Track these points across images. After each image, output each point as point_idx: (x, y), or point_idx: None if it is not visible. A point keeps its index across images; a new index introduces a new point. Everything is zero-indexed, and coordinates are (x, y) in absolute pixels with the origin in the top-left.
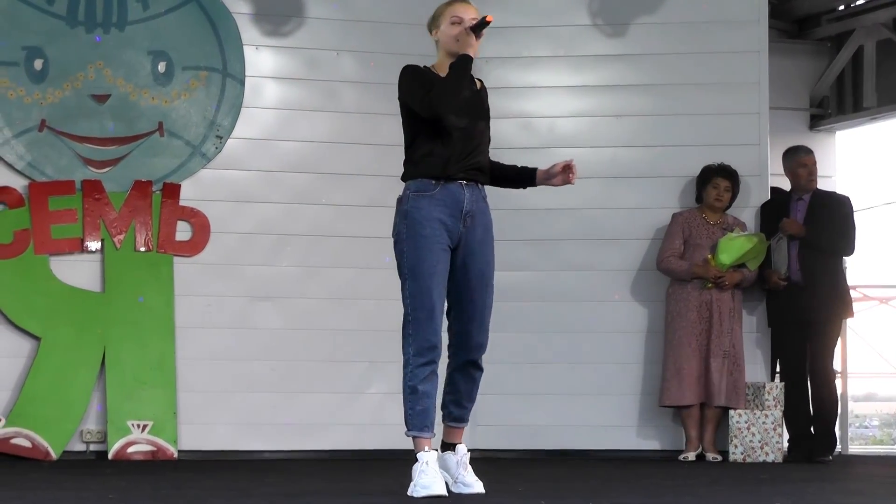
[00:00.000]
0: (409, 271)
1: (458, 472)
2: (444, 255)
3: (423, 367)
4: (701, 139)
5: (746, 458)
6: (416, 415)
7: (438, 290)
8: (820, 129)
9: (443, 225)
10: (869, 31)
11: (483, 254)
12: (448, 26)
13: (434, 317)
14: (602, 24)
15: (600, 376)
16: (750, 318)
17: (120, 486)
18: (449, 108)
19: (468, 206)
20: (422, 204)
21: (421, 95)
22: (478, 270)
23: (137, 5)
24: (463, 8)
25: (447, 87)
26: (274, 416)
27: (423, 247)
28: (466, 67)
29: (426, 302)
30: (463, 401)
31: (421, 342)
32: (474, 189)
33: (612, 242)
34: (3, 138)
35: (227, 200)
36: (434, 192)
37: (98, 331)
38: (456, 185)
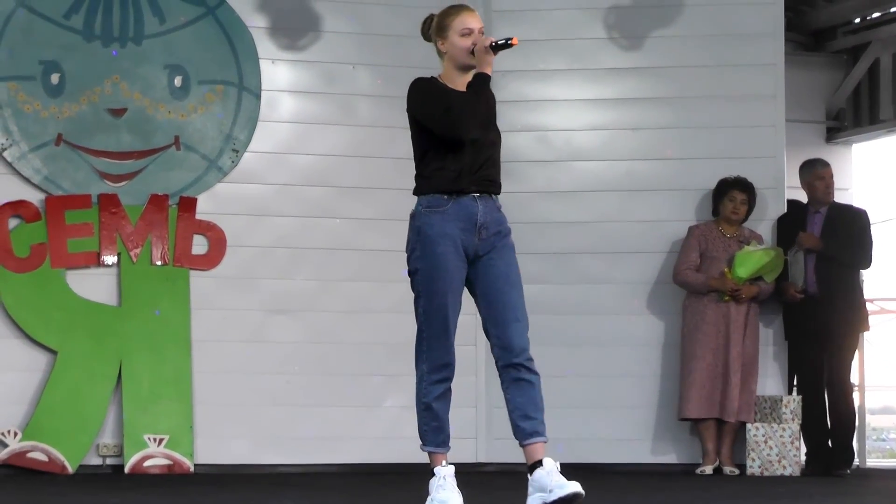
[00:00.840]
0: (422, 288)
1: (550, 481)
2: (459, 271)
3: (437, 385)
4: (717, 152)
5: (764, 472)
6: (430, 431)
7: (452, 307)
8: (836, 141)
9: (456, 240)
10: (885, 44)
11: (503, 257)
12: (458, 38)
13: (448, 334)
14: (618, 38)
15: (617, 389)
16: (767, 331)
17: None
18: (469, 130)
19: (482, 218)
20: (434, 220)
21: (439, 115)
22: (501, 273)
23: (154, 19)
24: (472, 18)
25: (467, 109)
26: (290, 429)
27: (436, 264)
28: (487, 87)
29: (440, 319)
30: (529, 412)
31: (434, 359)
32: (487, 200)
33: (628, 255)
34: (20, 152)
35: (243, 214)
36: (446, 207)
37: (114, 344)
38: (468, 198)
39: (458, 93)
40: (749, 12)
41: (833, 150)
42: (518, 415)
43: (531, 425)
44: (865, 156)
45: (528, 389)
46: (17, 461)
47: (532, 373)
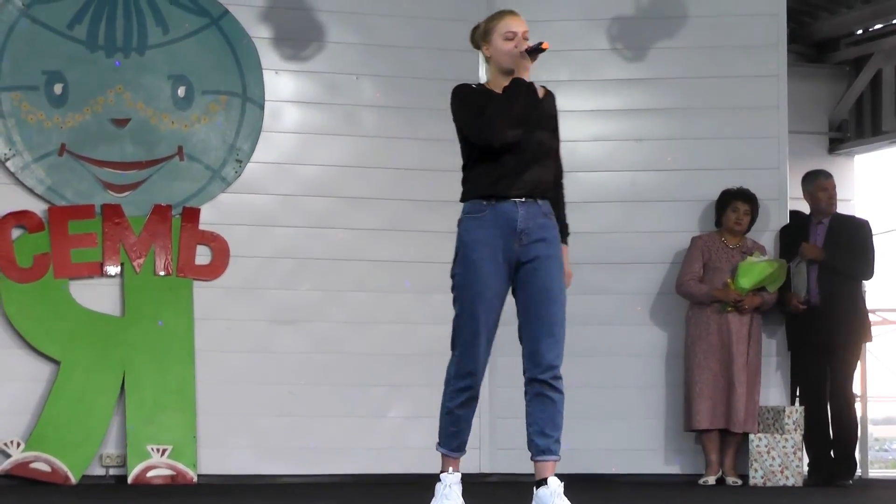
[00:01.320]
0: (457, 294)
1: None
2: (495, 278)
3: (462, 392)
4: (720, 163)
5: (766, 482)
6: (448, 435)
7: (485, 316)
8: (839, 152)
9: (494, 247)
10: (888, 55)
11: (546, 269)
12: (501, 41)
13: (477, 342)
14: (621, 49)
15: (620, 400)
16: (769, 341)
17: None
18: (500, 136)
19: (522, 224)
20: (472, 226)
21: (471, 120)
22: (541, 285)
23: (157, 30)
24: (516, 21)
25: (498, 113)
26: (294, 440)
27: (471, 270)
28: (520, 92)
29: (471, 326)
30: (546, 429)
31: (461, 366)
32: (531, 205)
33: (631, 266)
34: (24, 162)
35: (246, 224)
36: (484, 213)
37: (117, 355)
38: (509, 203)
39: (496, 96)
40: (752, 23)
41: (835, 161)
42: (535, 430)
43: (545, 443)
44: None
45: (550, 407)
46: (20, 472)
47: (556, 391)
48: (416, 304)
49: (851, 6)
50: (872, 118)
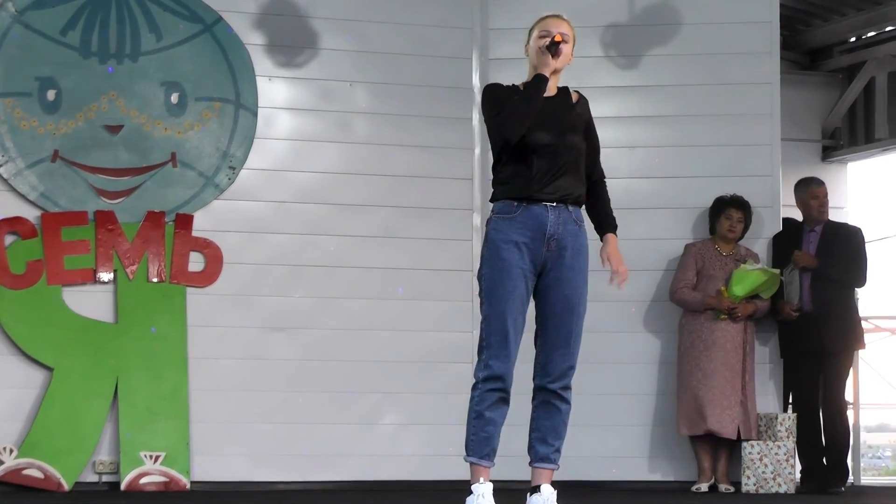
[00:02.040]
0: (486, 295)
1: None
2: (523, 280)
3: (491, 393)
4: (713, 170)
5: (759, 489)
6: (478, 441)
7: (514, 316)
8: (832, 160)
9: (523, 248)
10: (881, 63)
11: (570, 279)
12: (535, 39)
13: (508, 344)
14: (615, 56)
15: (614, 407)
16: (762, 348)
17: None
18: (516, 132)
19: (552, 229)
20: (502, 226)
21: (492, 117)
22: (562, 296)
23: (151, 36)
24: (554, 23)
25: (516, 110)
26: (287, 446)
27: (500, 269)
28: (540, 88)
29: (500, 327)
30: (548, 438)
31: (493, 368)
32: (562, 211)
33: None
34: (16, 169)
35: (239, 231)
36: (515, 214)
37: (111, 361)
38: (540, 206)
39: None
40: (745, 31)
41: (828, 169)
42: (537, 436)
43: (546, 451)
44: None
45: (555, 416)
46: (13, 478)
47: (564, 402)
48: (409, 311)
49: (844, 14)
50: (865, 126)
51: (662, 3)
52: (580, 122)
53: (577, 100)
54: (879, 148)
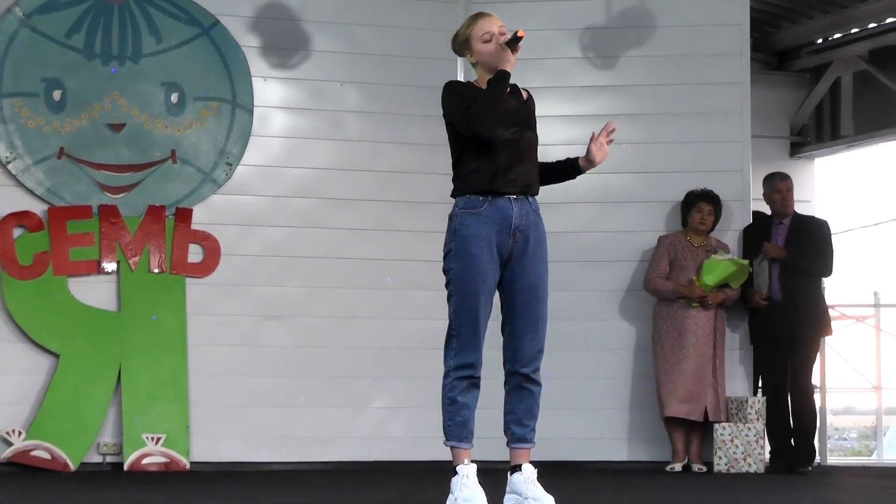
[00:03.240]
0: (455, 289)
1: (526, 489)
2: (492, 272)
3: (462, 381)
4: (686, 166)
5: (730, 469)
6: (455, 425)
7: (483, 308)
8: (800, 156)
9: (491, 242)
10: (846, 63)
11: (534, 266)
12: (481, 45)
13: (477, 335)
14: (593, 57)
15: (592, 391)
16: (733, 335)
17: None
18: (488, 125)
19: (517, 221)
20: (469, 221)
21: (461, 113)
22: (528, 283)
23: (151, 39)
24: (488, 22)
25: (485, 104)
26: (281, 429)
27: (470, 264)
28: (504, 83)
29: (470, 319)
30: (523, 419)
31: (462, 357)
32: (524, 203)
33: (602, 264)
34: (24, 165)
35: (236, 224)
36: (481, 208)
37: (114, 348)
38: (504, 199)
39: (483, 91)
40: (717, 33)
41: (796, 165)
42: (512, 419)
43: (522, 432)
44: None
45: (528, 398)
46: (21, 459)
47: (535, 384)
48: (397, 300)
49: (811, 17)
50: (831, 123)
51: (638, 7)
52: (533, 117)
53: (527, 97)
54: (845, 144)
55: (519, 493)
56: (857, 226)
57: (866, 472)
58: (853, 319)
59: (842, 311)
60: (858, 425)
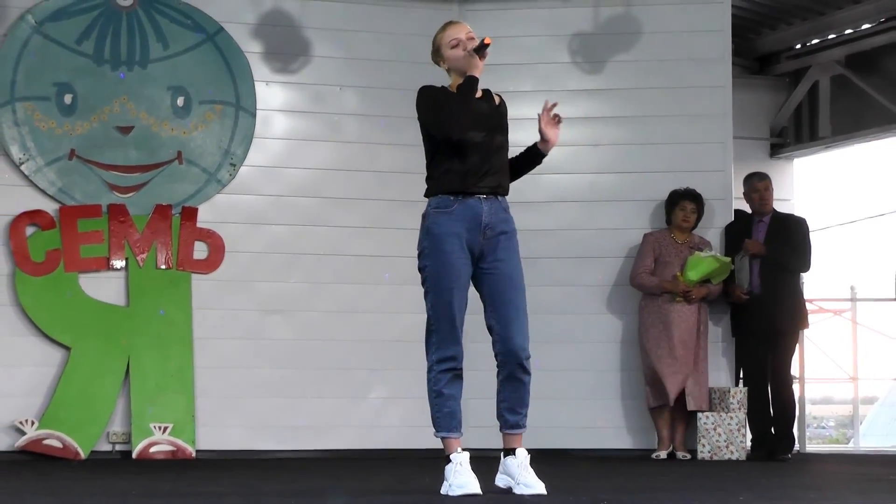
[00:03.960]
0: (431, 286)
1: (519, 474)
2: (465, 268)
3: (445, 373)
4: (671, 166)
5: (713, 457)
6: (443, 417)
7: (458, 302)
8: (779, 156)
9: (462, 239)
10: (824, 68)
11: (508, 259)
12: (450, 51)
13: (455, 327)
14: (581, 62)
15: (580, 382)
16: (715, 328)
17: (143, 483)
18: (459, 129)
19: (486, 219)
20: (441, 220)
21: (433, 116)
22: (505, 275)
23: (158, 45)
24: (456, 29)
25: (455, 109)
26: (284, 418)
27: (443, 261)
28: (472, 88)
29: (447, 314)
30: (516, 407)
31: (443, 351)
32: (493, 202)
33: (590, 260)
34: (36, 166)
35: (240, 222)
36: (453, 208)
37: (123, 341)
38: (474, 199)
39: (455, 95)
40: (700, 39)
41: (776, 165)
42: (505, 407)
43: (515, 419)
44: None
45: (519, 387)
46: (34, 448)
47: (526, 372)
48: (394, 295)
49: (790, 23)
50: (810, 125)
51: (624, 14)
52: (504, 121)
53: (499, 102)
54: (823, 145)
55: (512, 477)
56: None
57: (844, 459)
58: (831, 313)
59: (820, 304)
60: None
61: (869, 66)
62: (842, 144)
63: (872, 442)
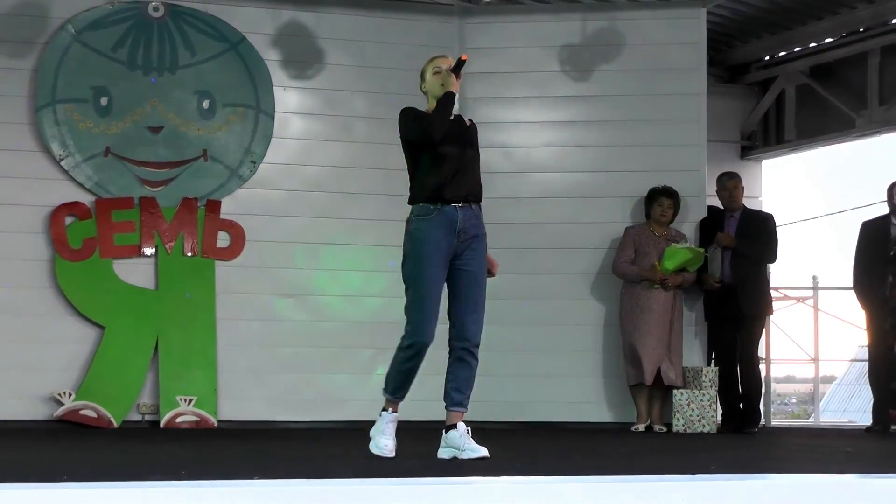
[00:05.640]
0: (411, 283)
1: (463, 443)
2: (441, 268)
3: (414, 357)
4: (650, 166)
5: (687, 430)
6: (396, 384)
7: (434, 298)
8: (749, 158)
9: (440, 242)
10: (790, 78)
11: (475, 259)
12: (432, 76)
13: (429, 321)
14: (570, 71)
15: (566, 361)
16: (690, 314)
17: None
18: (440, 132)
19: (461, 224)
20: (423, 226)
21: (415, 126)
22: (471, 273)
23: (186, 53)
24: (441, 60)
25: (436, 115)
26: (298, 392)
27: (423, 262)
28: (451, 100)
29: (424, 308)
30: (462, 387)
31: (415, 338)
32: (467, 209)
33: (576, 251)
34: (75, 162)
35: (259, 214)
36: (433, 215)
37: (152, 322)
38: (451, 207)
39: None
40: (677, 51)
41: (746, 166)
42: (452, 386)
43: (460, 398)
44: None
45: (467, 370)
46: (71, 417)
47: (474, 358)
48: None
49: (760, 37)
50: (777, 130)
51: (609, 27)
52: (475, 139)
53: (469, 124)
54: (789, 148)
55: (456, 447)
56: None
57: (805, 432)
58: (794, 300)
59: (784, 292)
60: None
61: (831, 76)
62: (806, 147)
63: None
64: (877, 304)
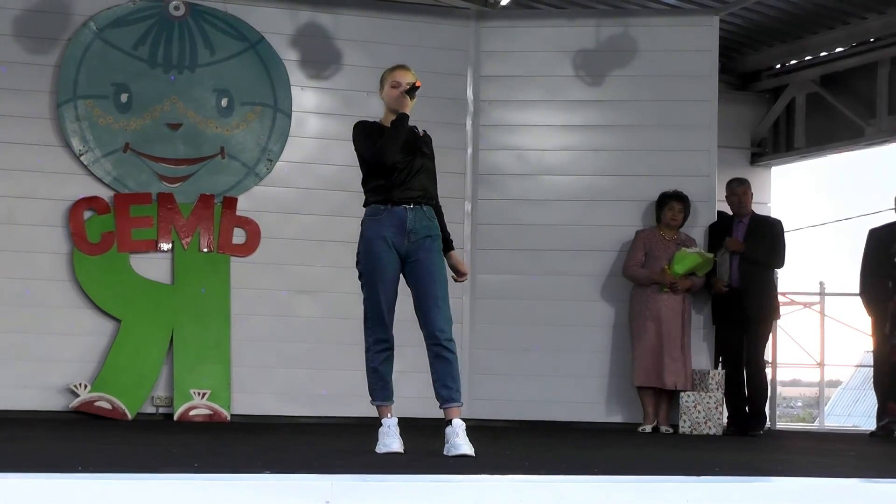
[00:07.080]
0: (364, 281)
1: (450, 439)
2: (392, 266)
3: (380, 353)
4: (661, 170)
5: (693, 431)
6: (378, 389)
7: (387, 294)
8: (759, 164)
9: (389, 241)
10: (800, 86)
11: (429, 257)
12: (389, 89)
13: (383, 316)
14: (584, 76)
15: (576, 361)
16: (698, 317)
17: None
18: (392, 156)
19: (410, 225)
20: (372, 226)
21: (369, 147)
22: (426, 270)
23: (206, 51)
24: (401, 73)
25: (388, 141)
26: (310, 387)
27: (373, 262)
28: (403, 124)
29: (378, 303)
30: (447, 381)
31: (376, 334)
32: (417, 210)
33: (587, 253)
34: (95, 157)
35: (275, 212)
36: (382, 215)
37: (168, 316)
38: (400, 208)
39: (387, 129)
40: (689, 57)
41: (756, 172)
42: (439, 384)
43: (448, 393)
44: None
45: (446, 365)
46: (87, 409)
47: (450, 352)
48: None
49: (771, 45)
50: (787, 137)
51: (622, 33)
52: (428, 149)
53: (423, 134)
54: (798, 155)
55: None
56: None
57: (810, 435)
58: (801, 305)
59: (791, 297)
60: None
61: (840, 85)
62: (815, 155)
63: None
64: (882, 311)
